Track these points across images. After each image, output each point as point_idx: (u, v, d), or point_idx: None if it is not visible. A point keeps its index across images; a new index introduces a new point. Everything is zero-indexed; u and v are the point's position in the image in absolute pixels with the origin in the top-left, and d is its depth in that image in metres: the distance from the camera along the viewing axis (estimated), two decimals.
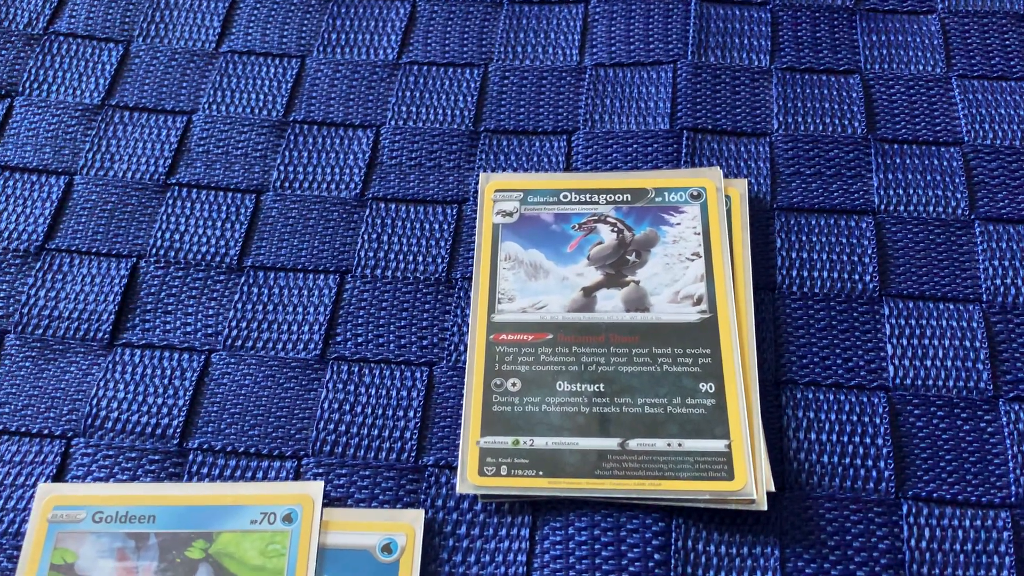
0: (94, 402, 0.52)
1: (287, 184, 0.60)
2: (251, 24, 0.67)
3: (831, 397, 0.51)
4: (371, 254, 0.57)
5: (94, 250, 0.57)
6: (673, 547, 0.46)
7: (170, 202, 0.59)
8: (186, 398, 0.52)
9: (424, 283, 0.56)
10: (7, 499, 0.49)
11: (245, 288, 0.56)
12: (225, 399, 0.52)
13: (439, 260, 0.56)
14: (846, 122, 0.60)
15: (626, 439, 0.48)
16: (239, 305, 0.55)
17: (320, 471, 0.49)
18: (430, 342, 0.54)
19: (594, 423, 0.49)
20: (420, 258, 0.57)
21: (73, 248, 0.58)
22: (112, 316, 0.55)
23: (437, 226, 0.58)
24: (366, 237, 0.57)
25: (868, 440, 0.50)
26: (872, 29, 0.65)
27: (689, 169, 0.58)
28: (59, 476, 0.50)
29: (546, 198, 0.57)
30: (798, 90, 0.62)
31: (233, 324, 0.54)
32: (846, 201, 0.57)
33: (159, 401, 0.52)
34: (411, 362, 0.53)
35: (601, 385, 0.50)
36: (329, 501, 0.48)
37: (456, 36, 0.66)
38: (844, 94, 0.62)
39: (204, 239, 0.58)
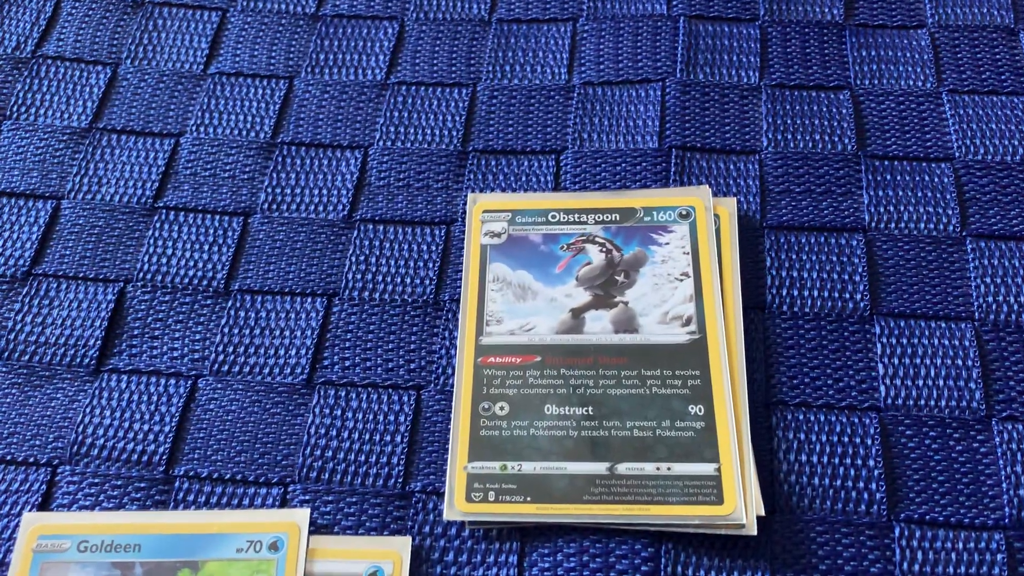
0: (80, 429, 0.52)
1: (275, 206, 0.59)
2: (239, 45, 0.67)
3: (822, 418, 0.50)
4: (359, 276, 0.56)
5: (81, 275, 0.57)
6: (662, 573, 0.46)
7: (157, 226, 0.59)
8: (172, 424, 0.52)
9: (412, 305, 0.55)
10: None
11: (232, 312, 0.55)
12: (212, 425, 0.52)
13: (427, 282, 0.56)
14: (836, 139, 0.60)
15: (615, 463, 0.48)
16: (226, 329, 0.55)
17: (307, 498, 0.49)
18: (418, 365, 0.53)
19: (583, 447, 0.49)
20: (408, 280, 0.56)
21: (60, 273, 0.57)
22: (99, 341, 0.54)
23: (425, 247, 0.57)
24: (354, 259, 0.57)
25: (860, 462, 0.49)
26: (862, 44, 0.64)
27: (678, 188, 0.57)
28: (44, 505, 0.49)
29: (534, 218, 0.57)
30: (787, 107, 0.62)
31: (220, 349, 0.54)
32: (836, 219, 0.57)
33: (145, 428, 0.52)
34: (399, 386, 0.52)
35: (590, 408, 0.50)
36: (316, 528, 0.48)
37: (444, 56, 0.66)
38: (834, 110, 0.61)
39: (191, 263, 0.57)
